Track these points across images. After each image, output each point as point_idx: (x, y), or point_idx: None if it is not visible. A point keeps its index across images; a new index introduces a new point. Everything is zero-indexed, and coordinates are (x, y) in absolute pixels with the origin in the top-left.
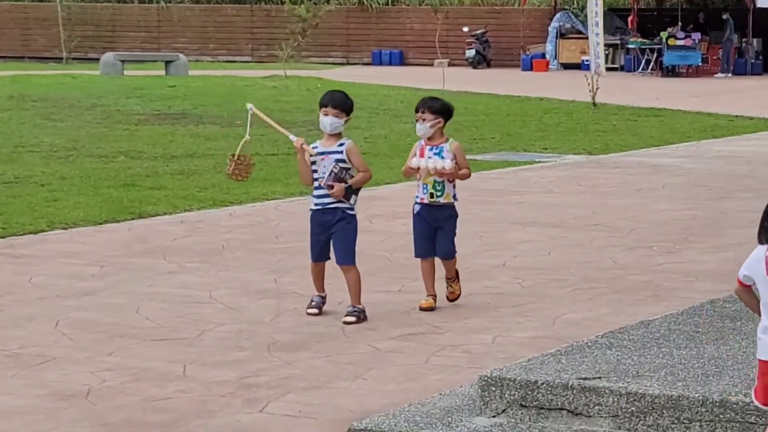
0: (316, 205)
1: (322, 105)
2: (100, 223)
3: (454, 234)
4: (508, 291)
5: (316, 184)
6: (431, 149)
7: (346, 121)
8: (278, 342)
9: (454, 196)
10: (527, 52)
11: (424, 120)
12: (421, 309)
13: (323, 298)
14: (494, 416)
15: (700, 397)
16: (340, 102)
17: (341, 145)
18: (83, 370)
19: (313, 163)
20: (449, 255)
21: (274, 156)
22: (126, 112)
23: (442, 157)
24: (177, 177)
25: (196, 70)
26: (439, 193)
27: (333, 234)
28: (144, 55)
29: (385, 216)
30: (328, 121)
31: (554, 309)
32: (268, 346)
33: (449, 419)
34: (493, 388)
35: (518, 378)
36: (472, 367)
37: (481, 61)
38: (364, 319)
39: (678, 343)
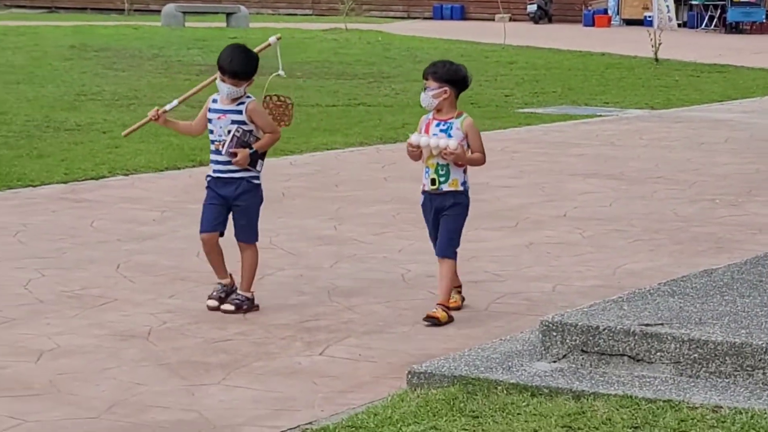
0: (215, 172)
1: (219, 68)
2: (161, 170)
3: (457, 230)
4: (569, 241)
5: (212, 146)
6: (438, 125)
7: (247, 86)
8: (338, 287)
9: (464, 184)
10: (589, 8)
11: (426, 88)
12: (425, 319)
13: (225, 287)
14: (555, 361)
15: (764, 345)
16: (240, 68)
17: (240, 104)
18: (144, 312)
19: (210, 120)
20: (442, 253)
21: (335, 107)
22: (187, 63)
23: (450, 136)
24: None
25: (257, 23)
26: (442, 179)
27: (234, 207)
28: (205, 7)
29: None
30: (224, 89)
31: (615, 259)
32: (328, 291)
33: (509, 364)
34: (554, 334)
35: (580, 323)
36: (531, 315)
37: (543, 16)
38: (249, 309)
39: (741, 292)
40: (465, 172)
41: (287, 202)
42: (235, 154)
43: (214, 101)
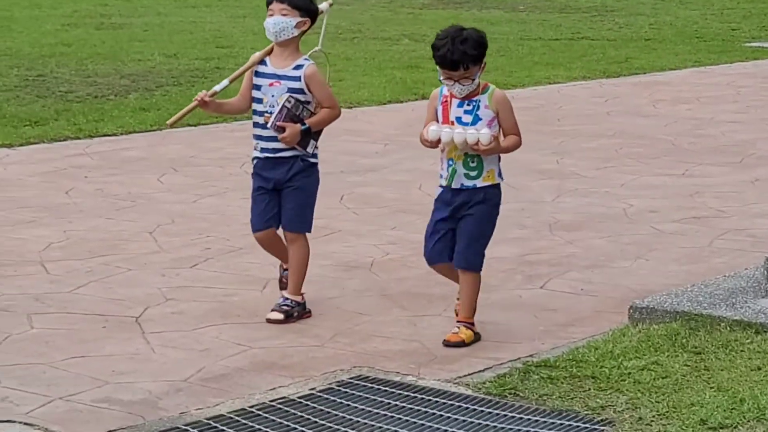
0: (262, 151)
1: (267, 2)
2: (384, 103)
3: (486, 234)
4: None
5: (258, 119)
6: (461, 104)
7: (301, 26)
8: (560, 221)
9: (500, 174)
10: None
11: (464, 78)
12: (446, 344)
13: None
14: None
15: None
16: None
17: (298, 67)
18: (367, 243)
19: (257, 87)
20: (466, 263)
21: (557, 41)
22: None
23: (478, 119)
24: None
25: None
26: (474, 173)
27: (286, 189)
28: None
29: (669, 101)
30: (270, 22)
31: None
32: (549, 225)
33: (733, 300)
34: None
35: None
36: (757, 251)
37: None
38: (300, 316)
39: None
40: (499, 158)
41: None
42: (282, 129)
43: (264, 64)
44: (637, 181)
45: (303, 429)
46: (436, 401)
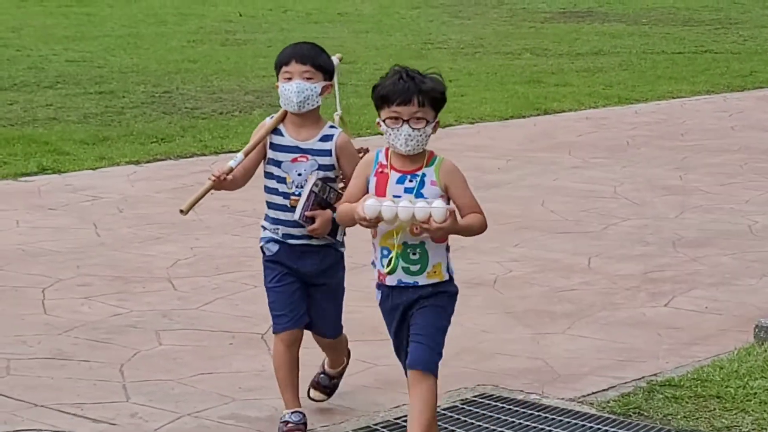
0: (285, 237)
1: (282, 63)
2: (506, 119)
3: (442, 328)
4: None
5: (277, 199)
6: (401, 180)
7: (325, 92)
8: (683, 238)
9: (449, 269)
10: None
11: (415, 119)
12: None
13: (302, 416)
14: None
15: None
16: (316, 52)
17: (326, 138)
18: (490, 260)
19: (275, 163)
20: (420, 363)
21: (681, 54)
22: (531, 10)
23: (422, 196)
24: (582, 74)
25: None
26: (416, 267)
27: (317, 287)
28: None
29: None
30: (293, 89)
31: None
32: (673, 241)
33: None
34: None
35: None
36: None
37: None
38: (336, 386)
39: None
40: (448, 249)
41: (632, 150)
42: (312, 219)
43: (279, 134)
44: (763, 196)
45: None
46: (560, 420)
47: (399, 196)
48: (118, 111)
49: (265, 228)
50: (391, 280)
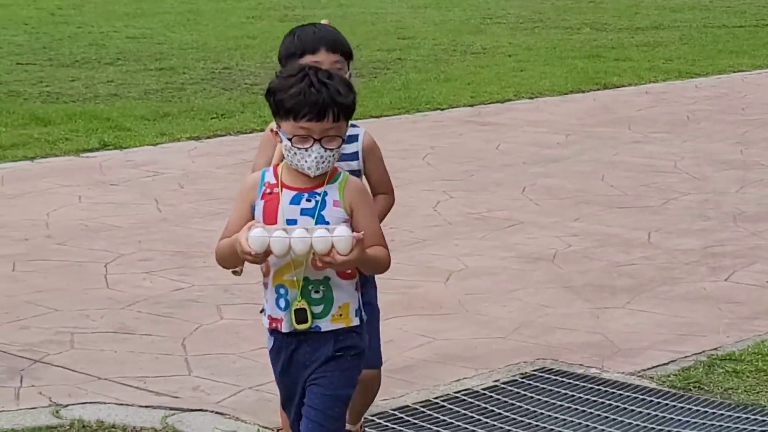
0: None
1: (307, 51)
2: (565, 93)
3: (344, 398)
4: None
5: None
6: (298, 198)
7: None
8: (744, 212)
9: (358, 311)
10: None
11: (328, 138)
12: None
13: None
14: None
15: None
16: (342, 41)
17: (351, 139)
18: (549, 235)
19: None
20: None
21: (741, 28)
22: None
23: (322, 220)
24: (642, 48)
25: None
26: (319, 308)
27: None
28: None
29: None
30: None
31: None
32: (733, 216)
33: None
34: None
35: None
36: None
37: None
38: None
39: None
40: (358, 287)
41: (692, 125)
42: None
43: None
44: None
45: (487, 420)
46: (620, 394)
47: (295, 221)
48: (179, 87)
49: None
50: (287, 327)
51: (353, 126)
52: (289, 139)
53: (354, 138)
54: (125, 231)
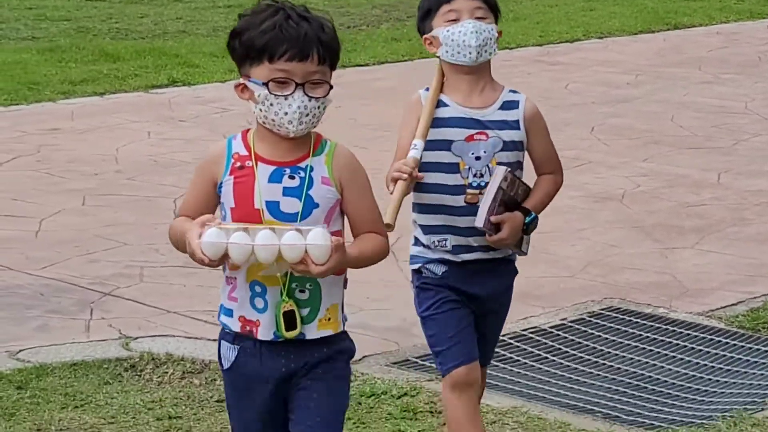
0: (456, 251)
1: (442, 1)
2: (635, 33)
3: (338, 420)
4: None
5: (441, 199)
6: (277, 176)
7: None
8: None
9: (343, 314)
10: None
11: (312, 83)
12: None
13: None
14: None
15: None
16: None
17: (510, 105)
18: (618, 175)
19: (441, 146)
20: None
21: None
22: None
23: (312, 204)
24: None
25: None
26: (304, 311)
27: (484, 317)
28: None
29: None
30: (469, 28)
31: None
32: None
33: None
34: None
35: None
36: None
37: None
38: None
39: None
40: (345, 284)
41: (764, 66)
42: (497, 226)
43: (439, 104)
44: None
45: (554, 359)
46: (688, 334)
47: (277, 203)
48: None
49: (418, 243)
50: (265, 333)
51: (512, 91)
52: (265, 84)
53: (514, 104)
54: (194, 166)
